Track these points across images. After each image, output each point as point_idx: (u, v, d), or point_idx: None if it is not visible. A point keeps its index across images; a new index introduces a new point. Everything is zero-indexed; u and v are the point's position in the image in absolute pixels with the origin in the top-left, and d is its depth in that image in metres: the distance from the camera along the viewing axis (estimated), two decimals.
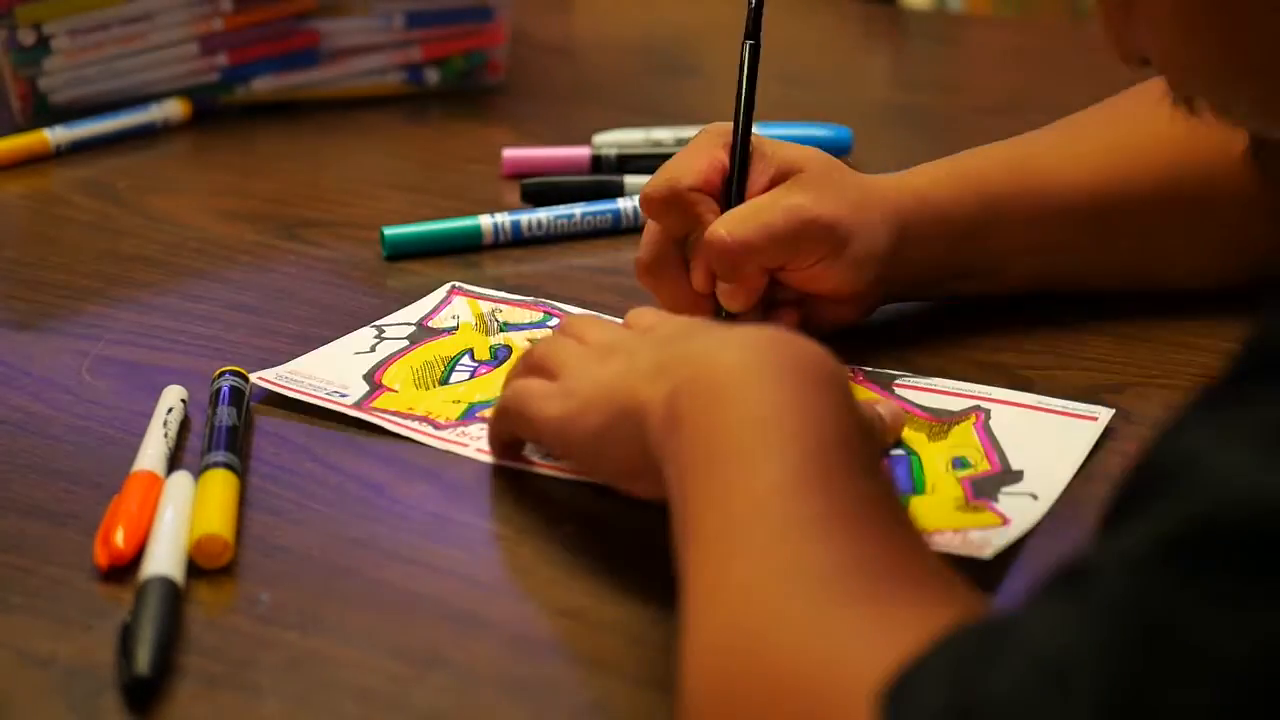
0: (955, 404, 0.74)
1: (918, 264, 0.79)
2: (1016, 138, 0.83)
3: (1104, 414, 0.72)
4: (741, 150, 0.76)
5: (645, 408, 0.58)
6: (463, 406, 0.73)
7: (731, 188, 0.76)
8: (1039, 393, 0.74)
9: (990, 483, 0.67)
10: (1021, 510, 0.65)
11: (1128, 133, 0.81)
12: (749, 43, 0.77)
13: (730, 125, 0.76)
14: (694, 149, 0.77)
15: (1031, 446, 0.70)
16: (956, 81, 1.33)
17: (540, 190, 0.99)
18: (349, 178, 1.06)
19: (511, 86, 1.20)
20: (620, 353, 0.63)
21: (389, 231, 0.92)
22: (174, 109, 1.12)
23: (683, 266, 0.77)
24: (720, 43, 1.39)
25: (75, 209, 1.01)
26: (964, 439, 0.71)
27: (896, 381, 0.76)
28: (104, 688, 0.55)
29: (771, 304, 0.77)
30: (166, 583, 0.58)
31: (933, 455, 0.70)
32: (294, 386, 0.74)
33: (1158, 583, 0.39)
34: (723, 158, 0.76)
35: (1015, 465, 0.69)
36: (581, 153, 1.04)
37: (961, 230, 0.79)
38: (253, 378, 0.73)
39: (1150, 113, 0.80)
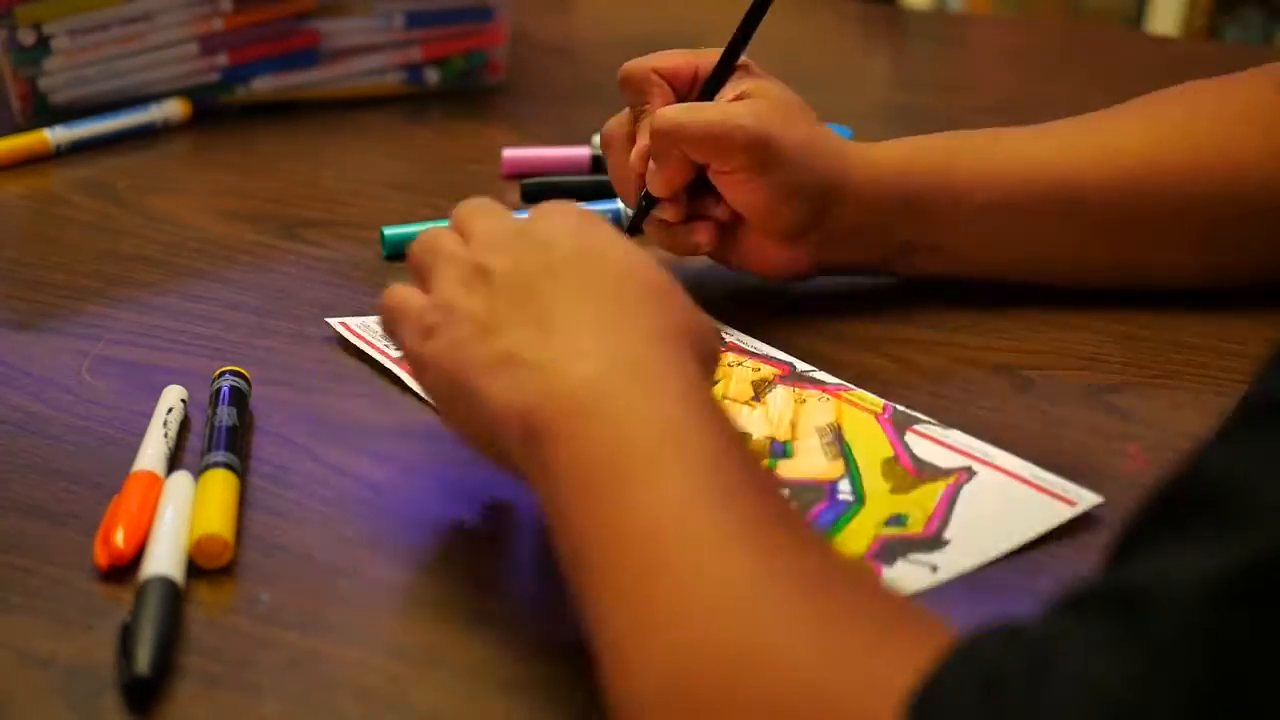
0: (949, 461, 0.69)
1: (856, 228, 0.80)
2: (1000, 129, 0.84)
3: (1087, 500, 0.66)
4: (723, 63, 0.80)
5: (492, 414, 0.56)
6: None
7: (702, 90, 0.80)
8: (1035, 456, 0.69)
9: (904, 545, 0.64)
10: (907, 576, 0.62)
11: (1100, 128, 0.82)
12: None
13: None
14: (682, 50, 0.82)
15: (982, 517, 0.66)
16: (956, 81, 1.33)
17: (540, 190, 0.99)
18: (349, 178, 1.06)
19: (511, 86, 1.20)
20: (480, 283, 0.59)
21: (389, 231, 0.92)
22: (174, 109, 1.12)
23: (631, 143, 0.81)
24: (720, 42, 1.39)
25: (75, 209, 1.01)
26: (922, 500, 0.67)
27: (915, 426, 0.72)
28: (104, 688, 0.55)
29: (696, 217, 0.81)
30: (166, 583, 0.58)
31: (877, 507, 0.67)
32: (366, 337, 0.77)
33: (1227, 625, 0.38)
34: (703, 64, 0.81)
35: (947, 535, 0.65)
36: (581, 153, 1.04)
37: (902, 199, 0.80)
38: (332, 322, 0.79)
39: (1136, 113, 0.80)
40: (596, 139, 1.05)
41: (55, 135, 1.07)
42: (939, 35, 1.51)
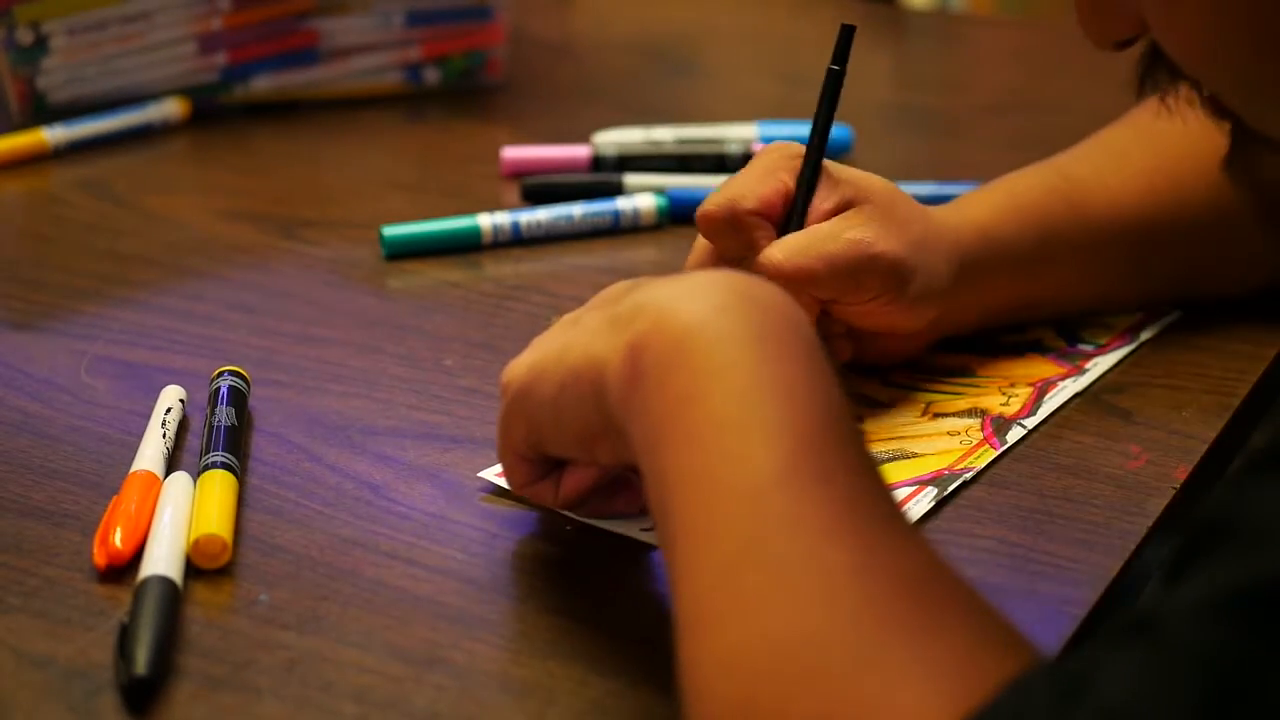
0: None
1: (980, 301, 0.76)
2: (1057, 160, 0.81)
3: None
4: (810, 176, 0.71)
5: (600, 363, 0.56)
6: None
7: (794, 212, 0.71)
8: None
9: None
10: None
11: (1167, 151, 0.80)
12: (833, 68, 0.74)
13: (796, 146, 0.72)
14: (759, 170, 0.71)
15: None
16: (958, 81, 1.33)
17: (540, 189, 0.99)
18: (349, 178, 1.06)
19: (511, 85, 1.20)
20: (576, 320, 0.60)
21: (388, 231, 0.91)
22: (172, 108, 1.12)
23: None
24: (720, 42, 1.39)
25: (74, 209, 1.01)
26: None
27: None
28: (102, 688, 0.55)
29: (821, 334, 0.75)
30: (165, 583, 0.58)
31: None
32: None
33: (1227, 638, 0.39)
34: (787, 182, 0.71)
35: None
36: (581, 151, 1.04)
37: (1023, 265, 0.76)
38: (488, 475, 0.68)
39: (1187, 129, 0.79)
40: (596, 138, 1.05)
41: (53, 135, 1.06)
42: (939, 35, 1.51)
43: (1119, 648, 0.41)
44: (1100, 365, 0.77)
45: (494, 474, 0.68)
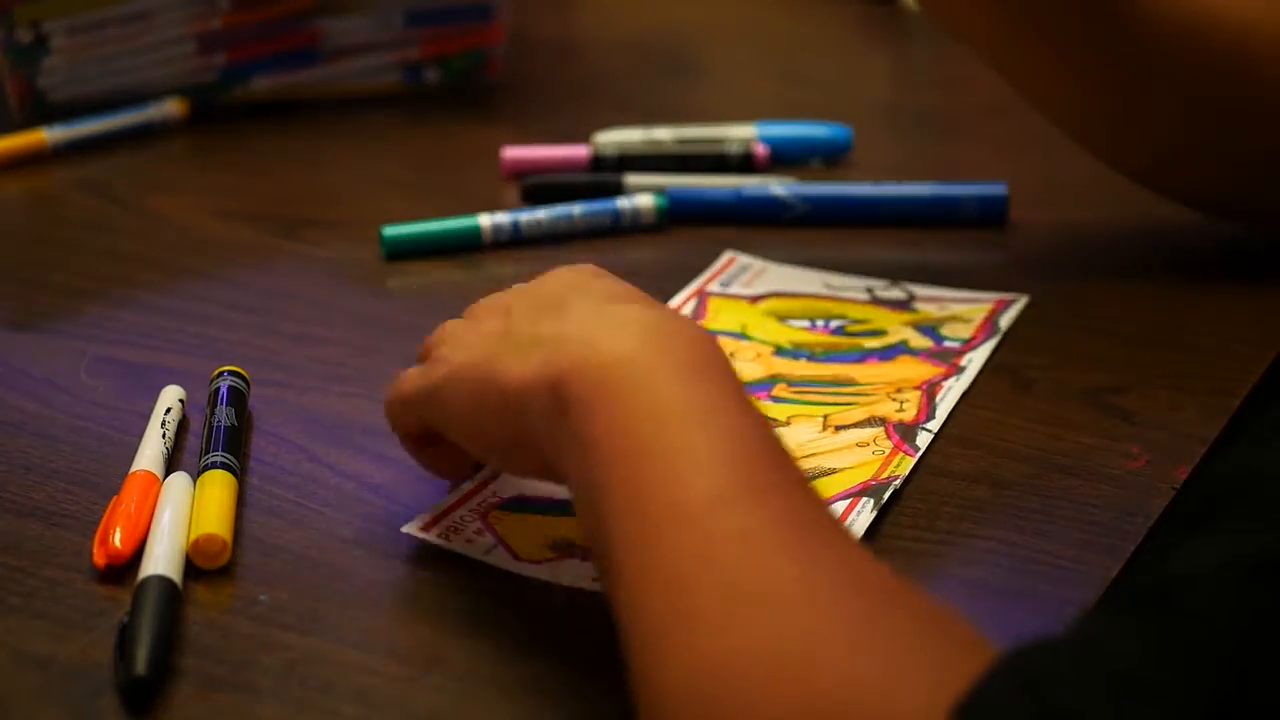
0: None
1: None
2: None
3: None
4: None
5: (519, 386, 0.56)
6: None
7: None
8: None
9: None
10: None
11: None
12: None
13: None
14: None
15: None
16: (957, 81, 1.33)
17: (540, 189, 0.99)
18: (349, 178, 1.06)
19: (511, 85, 1.19)
20: (495, 314, 0.61)
21: (388, 231, 0.91)
22: (172, 108, 1.12)
23: None
24: (720, 42, 1.39)
25: (73, 209, 1.01)
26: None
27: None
28: (102, 689, 0.55)
29: None
30: (164, 583, 0.58)
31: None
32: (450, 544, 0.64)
33: (1252, 605, 0.39)
34: None
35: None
36: (582, 151, 1.04)
37: None
38: (411, 530, 0.64)
39: None
40: (596, 138, 1.05)
41: (53, 134, 1.06)
42: (939, 35, 1.51)
43: (1131, 616, 0.41)
44: (975, 361, 0.77)
45: (417, 528, 0.64)
